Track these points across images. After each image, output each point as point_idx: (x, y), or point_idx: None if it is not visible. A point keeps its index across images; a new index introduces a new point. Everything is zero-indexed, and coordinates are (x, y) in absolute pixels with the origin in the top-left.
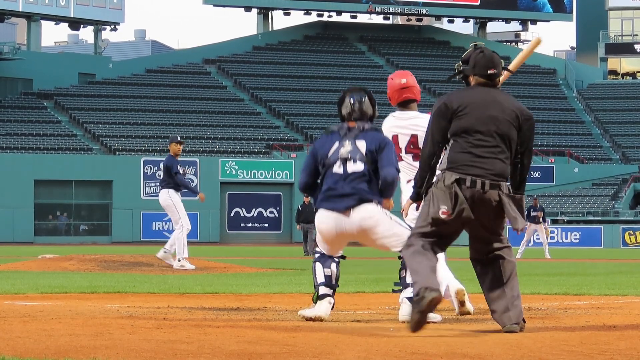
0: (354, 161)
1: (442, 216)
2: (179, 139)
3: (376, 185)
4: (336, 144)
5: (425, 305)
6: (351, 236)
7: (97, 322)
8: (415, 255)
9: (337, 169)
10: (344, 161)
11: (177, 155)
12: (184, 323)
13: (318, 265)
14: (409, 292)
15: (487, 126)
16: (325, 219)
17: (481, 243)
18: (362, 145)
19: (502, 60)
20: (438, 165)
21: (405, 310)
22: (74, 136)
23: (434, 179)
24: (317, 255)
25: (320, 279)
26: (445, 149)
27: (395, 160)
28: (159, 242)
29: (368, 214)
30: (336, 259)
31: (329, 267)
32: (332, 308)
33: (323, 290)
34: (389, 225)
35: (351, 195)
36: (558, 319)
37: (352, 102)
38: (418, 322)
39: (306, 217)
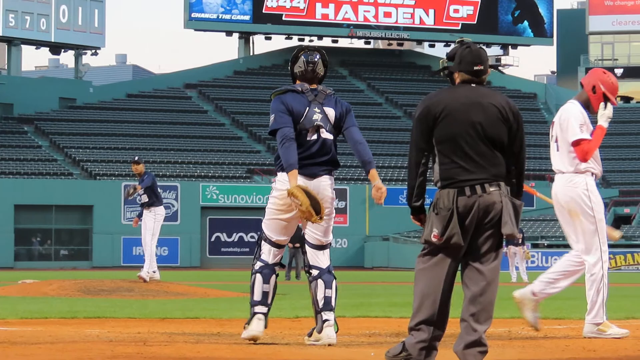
0: (326, 130)
1: (433, 239)
2: (136, 158)
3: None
4: (307, 109)
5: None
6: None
7: (77, 347)
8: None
9: (311, 136)
10: (317, 129)
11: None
12: (165, 348)
13: (258, 278)
14: None
15: (472, 133)
16: (300, 180)
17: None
18: (330, 112)
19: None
20: (431, 175)
21: None
22: (54, 161)
23: (434, 199)
24: (257, 266)
25: (258, 295)
26: (432, 157)
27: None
28: (139, 267)
29: (332, 183)
30: (275, 270)
31: (268, 282)
32: (265, 326)
33: (259, 309)
34: (332, 208)
35: (325, 163)
36: (538, 344)
37: (306, 61)
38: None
39: (294, 240)
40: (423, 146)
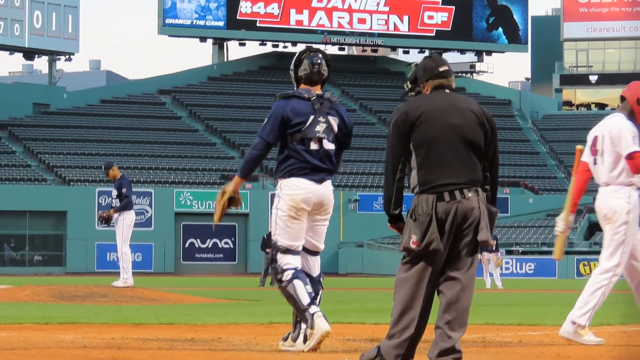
0: (328, 140)
1: (412, 246)
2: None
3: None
4: (311, 118)
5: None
6: (318, 208)
7: (51, 352)
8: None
9: (314, 145)
10: (320, 140)
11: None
12: (139, 354)
13: (298, 283)
14: None
15: (451, 136)
16: (306, 185)
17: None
18: (334, 122)
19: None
20: (408, 183)
21: None
22: (28, 166)
23: (412, 206)
24: (290, 274)
25: (306, 299)
26: (410, 164)
27: None
28: (113, 272)
29: (332, 190)
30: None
31: (308, 283)
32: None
33: (313, 309)
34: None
35: (327, 170)
36: (513, 350)
37: (311, 63)
38: None
39: (268, 244)
40: (400, 152)
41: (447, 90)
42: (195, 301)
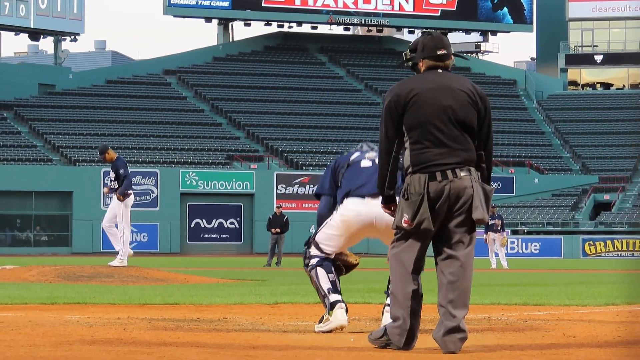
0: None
1: (404, 225)
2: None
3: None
4: (357, 153)
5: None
6: (374, 224)
7: (57, 332)
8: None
9: (365, 163)
10: (372, 159)
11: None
12: (144, 334)
13: (320, 271)
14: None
15: (442, 117)
16: (359, 205)
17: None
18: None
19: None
20: (401, 164)
21: (387, 319)
22: (33, 147)
23: (404, 186)
24: (315, 261)
25: (326, 285)
26: (403, 145)
27: None
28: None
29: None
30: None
31: (332, 272)
32: (347, 312)
33: (334, 297)
34: None
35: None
36: (518, 330)
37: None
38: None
39: (276, 227)
40: (393, 134)
41: (439, 70)
42: (200, 281)
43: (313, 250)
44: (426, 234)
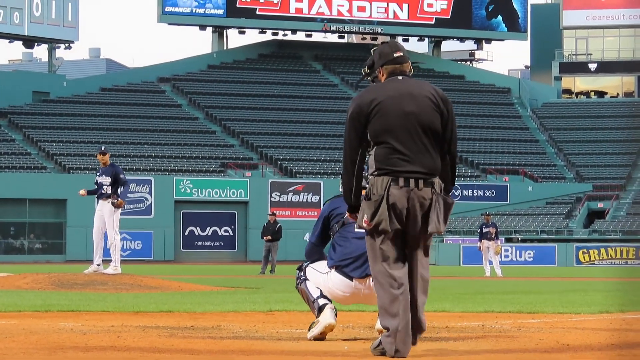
0: None
1: (364, 225)
2: (102, 148)
3: None
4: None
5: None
6: (359, 300)
7: (51, 340)
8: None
9: (357, 230)
10: None
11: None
12: (138, 341)
13: (309, 282)
14: None
15: (406, 124)
16: (342, 286)
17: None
18: None
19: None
20: (366, 172)
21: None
22: (28, 154)
23: (367, 188)
24: (302, 278)
25: (315, 293)
26: (368, 153)
27: None
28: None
29: None
30: None
31: None
32: (336, 314)
33: (322, 301)
34: None
35: None
36: (512, 338)
37: None
38: None
39: (269, 235)
40: (357, 144)
41: (400, 77)
42: (195, 289)
43: (304, 274)
44: (383, 235)
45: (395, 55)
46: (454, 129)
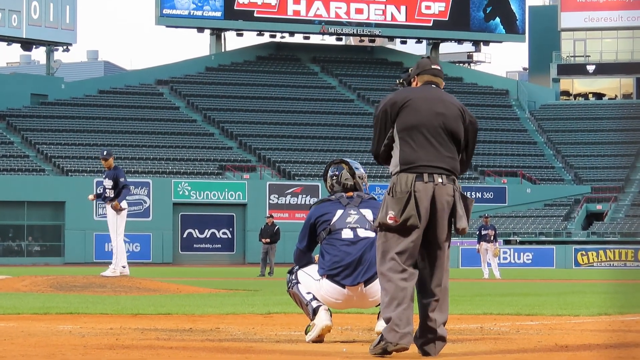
0: (364, 229)
1: (389, 222)
2: (104, 153)
3: None
4: (340, 211)
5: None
6: (352, 305)
7: (49, 343)
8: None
9: (347, 234)
10: (354, 228)
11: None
12: (137, 344)
13: (301, 285)
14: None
15: (434, 122)
16: (334, 294)
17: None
18: (367, 213)
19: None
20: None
21: (381, 325)
22: (26, 157)
23: (389, 184)
24: (294, 282)
25: (307, 296)
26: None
27: None
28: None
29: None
30: None
31: None
32: (331, 315)
33: (315, 304)
34: None
35: (362, 265)
36: (510, 340)
37: (331, 176)
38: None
39: (266, 237)
40: (384, 138)
41: (433, 86)
42: (193, 291)
43: (295, 277)
44: (411, 231)
45: (432, 66)
46: (474, 147)
